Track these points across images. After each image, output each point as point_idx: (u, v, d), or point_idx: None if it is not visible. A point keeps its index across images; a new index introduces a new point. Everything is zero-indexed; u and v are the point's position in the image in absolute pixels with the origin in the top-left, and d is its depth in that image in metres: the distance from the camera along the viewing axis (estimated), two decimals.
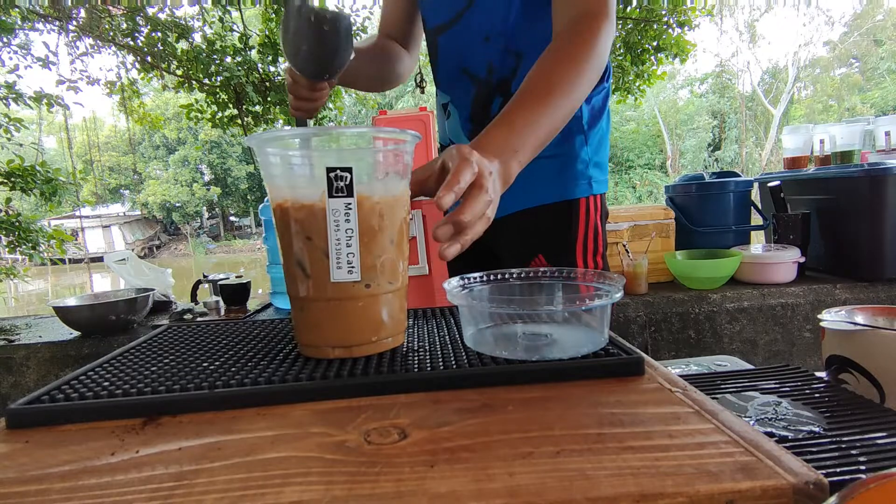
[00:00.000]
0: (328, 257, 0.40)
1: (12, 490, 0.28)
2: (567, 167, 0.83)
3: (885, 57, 17.90)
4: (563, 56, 0.64)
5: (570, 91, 0.62)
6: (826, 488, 0.24)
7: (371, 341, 0.43)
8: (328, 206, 0.39)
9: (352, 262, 0.40)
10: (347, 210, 0.39)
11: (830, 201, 1.94)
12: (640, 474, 0.26)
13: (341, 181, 0.39)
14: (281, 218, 0.42)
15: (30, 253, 2.50)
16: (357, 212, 0.40)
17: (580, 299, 0.42)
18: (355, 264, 0.41)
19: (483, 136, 0.57)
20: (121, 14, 4.20)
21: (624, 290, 0.43)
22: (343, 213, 0.39)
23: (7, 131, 2.97)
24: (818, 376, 0.54)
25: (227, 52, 4.44)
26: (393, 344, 0.45)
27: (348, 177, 0.39)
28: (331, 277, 0.41)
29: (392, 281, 0.44)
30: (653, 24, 4.46)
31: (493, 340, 0.44)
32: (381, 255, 0.42)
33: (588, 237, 0.85)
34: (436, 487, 0.25)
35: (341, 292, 0.41)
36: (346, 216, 0.40)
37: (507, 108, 0.60)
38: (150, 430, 0.34)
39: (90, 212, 19.32)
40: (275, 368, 0.41)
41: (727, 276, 1.91)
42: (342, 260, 0.40)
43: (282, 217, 0.42)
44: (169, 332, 0.56)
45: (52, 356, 1.78)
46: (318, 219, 0.40)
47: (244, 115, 4.69)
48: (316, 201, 0.40)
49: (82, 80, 4.38)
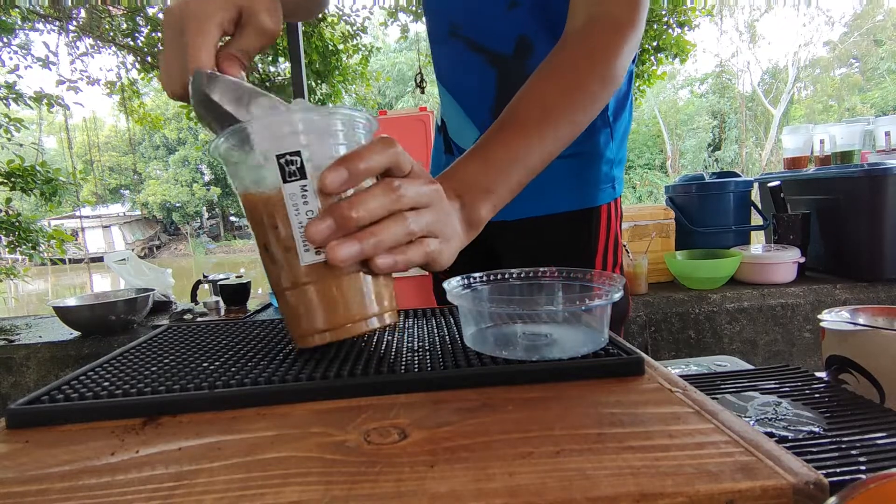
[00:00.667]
0: (295, 242, 0.40)
1: (12, 490, 0.28)
2: (589, 168, 0.71)
3: (885, 57, 17.91)
4: (568, 73, 0.51)
5: (571, 121, 0.50)
6: (826, 488, 0.24)
7: (356, 320, 0.42)
8: (285, 192, 0.39)
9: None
10: (304, 192, 0.39)
11: (830, 201, 1.94)
12: (640, 474, 0.26)
13: (293, 165, 0.38)
14: (251, 213, 0.42)
15: (30, 253, 2.50)
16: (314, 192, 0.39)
17: (580, 299, 0.42)
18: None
19: (452, 167, 0.48)
20: (121, 14, 4.21)
21: (625, 289, 0.43)
22: (300, 196, 0.39)
23: (7, 131, 2.97)
24: (818, 376, 0.54)
25: None
26: (386, 322, 0.44)
27: (298, 160, 0.38)
28: (300, 261, 0.40)
29: None
30: (653, 24, 4.47)
31: (493, 340, 0.44)
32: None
33: (609, 248, 0.74)
34: (436, 487, 0.25)
35: (315, 275, 0.41)
36: (304, 198, 0.39)
37: (486, 136, 0.50)
38: (150, 430, 0.34)
39: (90, 212, 19.33)
40: (275, 368, 0.41)
41: (727, 276, 1.91)
42: (308, 243, 0.40)
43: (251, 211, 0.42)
44: (169, 332, 0.56)
45: (52, 356, 1.78)
46: (279, 207, 0.40)
47: None
48: (274, 192, 0.39)
49: (82, 80, 4.39)
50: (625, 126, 0.75)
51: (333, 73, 4.93)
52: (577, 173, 0.71)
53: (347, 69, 5.19)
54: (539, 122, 0.49)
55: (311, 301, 0.42)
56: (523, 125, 0.49)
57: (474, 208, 0.46)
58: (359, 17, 4.98)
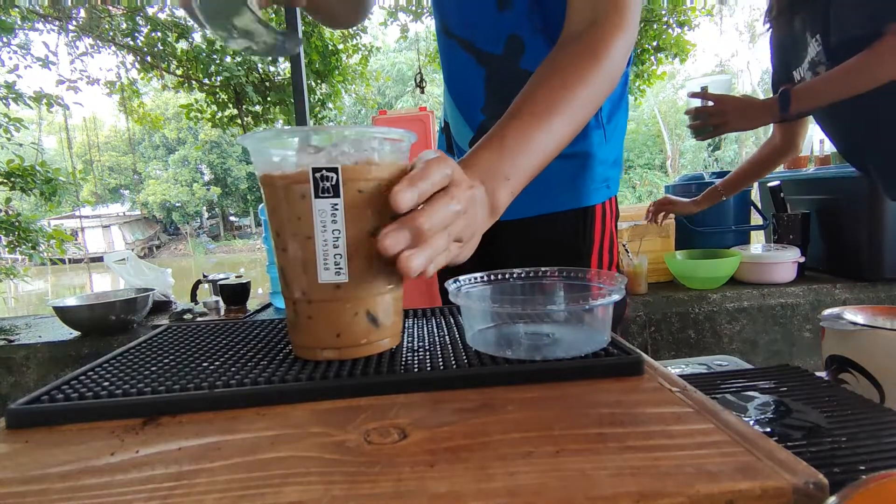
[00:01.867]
0: (316, 257, 0.40)
1: (12, 490, 0.28)
2: (584, 169, 0.73)
3: None
4: (569, 69, 0.55)
5: (575, 113, 0.54)
6: (826, 488, 0.24)
7: (361, 343, 0.43)
8: (314, 208, 0.39)
9: (339, 264, 0.40)
10: (334, 211, 0.39)
11: (830, 201, 1.94)
12: (640, 474, 0.26)
13: (327, 181, 0.38)
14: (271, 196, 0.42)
15: (30, 253, 2.50)
16: (344, 212, 0.39)
17: (582, 299, 0.42)
18: (343, 266, 0.40)
19: (469, 156, 0.50)
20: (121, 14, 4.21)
21: (626, 289, 0.43)
22: (330, 214, 0.39)
23: (7, 131, 2.97)
24: (818, 376, 0.54)
25: (227, 51, 4.44)
26: (388, 346, 0.45)
27: (334, 177, 0.38)
28: (318, 278, 0.40)
29: (383, 280, 0.43)
30: (653, 24, 4.47)
31: (496, 340, 0.44)
32: (370, 255, 0.41)
33: (604, 247, 0.76)
34: (436, 487, 0.25)
35: (329, 294, 0.41)
36: (333, 217, 0.39)
37: (499, 126, 0.52)
38: (149, 430, 0.34)
39: (90, 212, 19.33)
40: (275, 368, 0.41)
41: (727, 276, 1.91)
42: (329, 261, 0.40)
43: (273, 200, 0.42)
44: (169, 332, 0.56)
45: (52, 356, 1.78)
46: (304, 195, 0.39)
47: (244, 114, 4.69)
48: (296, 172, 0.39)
49: (82, 80, 4.39)
50: (619, 127, 0.77)
51: (333, 72, 4.93)
52: (572, 173, 0.73)
53: (347, 69, 5.20)
54: (549, 112, 0.52)
55: (320, 318, 0.42)
56: (534, 114, 0.52)
57: (495, 195, 0.48)
58: None
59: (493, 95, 0.75)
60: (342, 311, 0.42)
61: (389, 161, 0.41)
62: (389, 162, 0.41)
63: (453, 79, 0.80)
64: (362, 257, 0.41)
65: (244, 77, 4.40)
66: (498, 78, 0.73)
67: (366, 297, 0.42)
